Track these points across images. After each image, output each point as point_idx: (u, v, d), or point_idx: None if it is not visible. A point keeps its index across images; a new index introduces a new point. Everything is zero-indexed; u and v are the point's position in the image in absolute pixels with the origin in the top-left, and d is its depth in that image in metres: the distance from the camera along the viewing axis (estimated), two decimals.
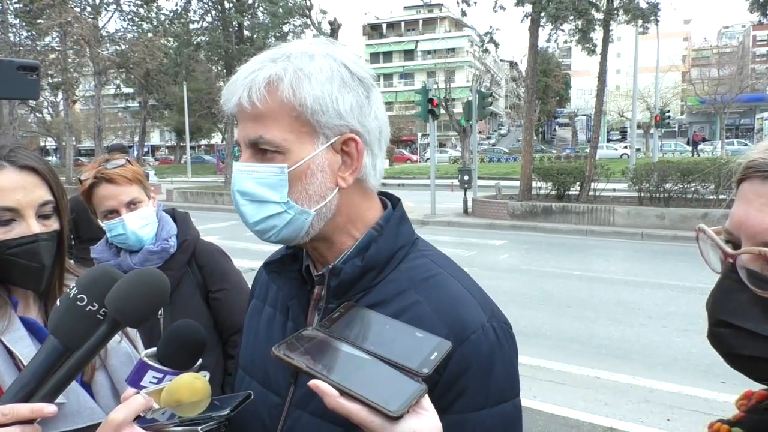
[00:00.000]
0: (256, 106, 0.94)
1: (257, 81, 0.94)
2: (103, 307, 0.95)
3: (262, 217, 0.98)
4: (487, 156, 50.60)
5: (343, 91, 0.97)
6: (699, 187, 14.76)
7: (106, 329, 0.95)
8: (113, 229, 1.96)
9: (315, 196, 0.98)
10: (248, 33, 27.42)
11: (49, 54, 28.52)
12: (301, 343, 0.88)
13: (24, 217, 1.20)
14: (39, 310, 1.30)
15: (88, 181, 1.95)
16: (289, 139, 0.95)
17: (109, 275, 0.99)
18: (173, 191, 25.17)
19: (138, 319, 0.97)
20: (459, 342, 0.91)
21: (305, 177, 0.97)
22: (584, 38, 18.26)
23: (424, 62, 77.75)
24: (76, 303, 0.96)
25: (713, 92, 44.09)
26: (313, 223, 0.99)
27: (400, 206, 1.10)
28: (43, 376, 0.94)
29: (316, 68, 0.96)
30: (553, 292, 8.75)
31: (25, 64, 1.24)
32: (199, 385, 1.05)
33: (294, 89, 0.94)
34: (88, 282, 0.98)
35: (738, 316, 0.74)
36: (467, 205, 17.81)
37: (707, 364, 5.56)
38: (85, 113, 53.84)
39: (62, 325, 0.95)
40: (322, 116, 0.95)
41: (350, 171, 1.00)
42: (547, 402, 4.99)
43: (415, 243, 1.08)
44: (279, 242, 1.03)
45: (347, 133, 0.98)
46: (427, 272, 1.02)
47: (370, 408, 0.77)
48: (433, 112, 17.63)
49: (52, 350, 0.95)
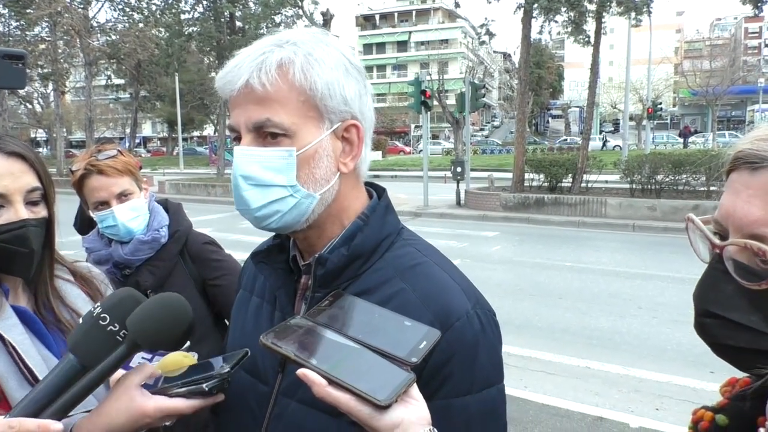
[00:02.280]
0: (266, 88, 0.93)
1: (268, 63, 0.94)
2: (124, 329, 0.96)
3: (266, 202, 0.98)
4: (480, 148, 50.61)
5: (348, 78, 0.99)
6: (690, 178, 14.86)
7: (124, 350, 0.96)
8: (104, 220, 1.96)
9: (321, 180, 0.99)
10: (240, 23, 27.25)
11: (39, 44, 28.27)
12: (289, 331, 0.88)
13: (12, 203, 1.20)
14: (28, 299, 1.30)
15: (78, 172, 1.93)
16: (297, 122, 0.95)
17: (133, 297, 1.00)
18: (165, 183, 25.04)
19: (157, 342, 0.98)
20: (444, 329, 0.92)
21: (312, 161, 0.98)
22: (577, 30, 18.28)
23: (417, 53, 77.45)
24: (99, 322, 0.97)
25: (705, 84, 44.25)
26: (315, 208, 1.00)
27: (385, 196, 1.11)
28: (57, 393, 0.94)
29: (324, 54, 0.97)
30: (545, 284, 8.80)
31: (12, 52, 1.23)
32: (186, 363, 1.06)
33: (305, 73, 0.94)
34: (112, 302, 0.99)
35: (724, 306, 0.75)
36: (460, 196, 17.84)
37: (696, 354, 5.61)
38: (76, 104, 53.41)
39: (82, 343, 0.96)
40: (329, 101, 0.96)
41: (351, 157, 1.02)
42: (538, 392, 5.03)
43: (400, 232, 1.09)
44: (278, 229, 1.03)
45: (350, 119, 1.00)
46: (413, 261, 1.03)
47: (359, 397, 0.77)
48: (426, 103, 17.60)
49: (69, 368, 0.95)
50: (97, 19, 30.75)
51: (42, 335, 1.24)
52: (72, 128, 57.70)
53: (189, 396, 0.98)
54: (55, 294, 1.32)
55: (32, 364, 1.16)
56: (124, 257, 2.01)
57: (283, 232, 1.06)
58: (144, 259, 2.03)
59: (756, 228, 0.72)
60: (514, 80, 53.75)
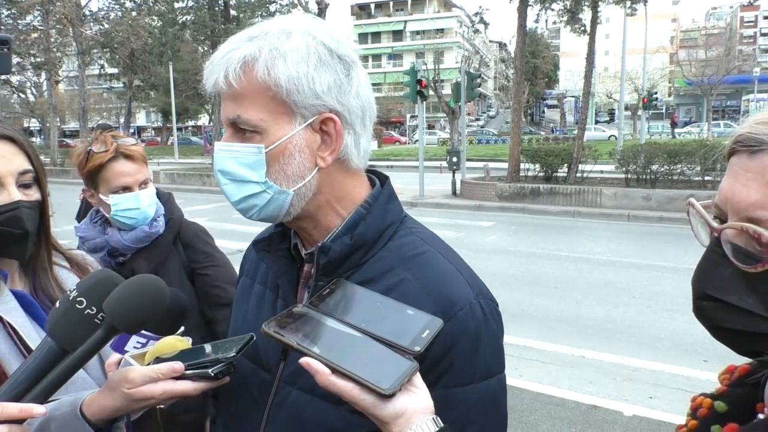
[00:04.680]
0: (232, 86, 0.94)
1: (233, 61, 0.94)
2: (101, 312, 0.95)
3: (242, 197, 0.99)
4: (476, 138, 50.59)
5: (320, 69, 0.95)
6: (685, 168, 14.88)
7: (102, 334, 0.95)
8: (123, 202, 1.94)
9: (293, 176, 0.98)
10: (234, 12, 27.08)
11: (32, 33, 28.03)
12: (292, 320, 0.88)
13: (4, 185, 1.21)
14: (25, 284, 1.31)
15: (105, 155, 1.91)
16: (265, 119, 0.95)
17: (110, 280, 0.99)
18: (160, 173, 24.94)
19: (134, 325, 0.97)
20: (446, 319, 0.91)
21: (282, 157, 0.97)
22: (573, 19, 18.26)
23: (412, 43, 77.18)
24: (75, 306, 0.96)
25: (700, 74, 44.30)
26: (293, 203, 0.99)
27: (388, 184, 1.10)
28: (37, 377, 0.94)
29: (291, 47, 0.94)
30: (541, 273, 8.83)
31: None
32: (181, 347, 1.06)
33: (269, 69, 0.93)
34: (89, 285, 0.98)
35: (721, 289, 0.75)
36: (456, 186, 17.84)
37: (690, 343, 5.64)
38: (69, 94, 53.09)
39: (60, 326, 0.95)
40: (297, 96, 0.94)
41: (330, 151, 0.99)
42: (533, 381, 5.06)
43: (403, 221, 1.08)
44: (262, 221, 1.03)
45: (325, 112, 0.97)
46: (416, 250, 1.03)
47: (362, 386, 0.77)
48: (422, 93, 17.56)
49: (47, 351, 0.95)
50: (90, 7, 30.58)
51: (40, 319, 1.24)
52: (65, 118, 57.37)
53: (195, 379, 0.98)
54: (53, 279, 1.33)
55: (33, 346, 1.17)
56: (125, 244, 2.00)
57: (269, 222, 1.06)
58: (141, 246, 2.04)
59: (753, 211, 0.72)
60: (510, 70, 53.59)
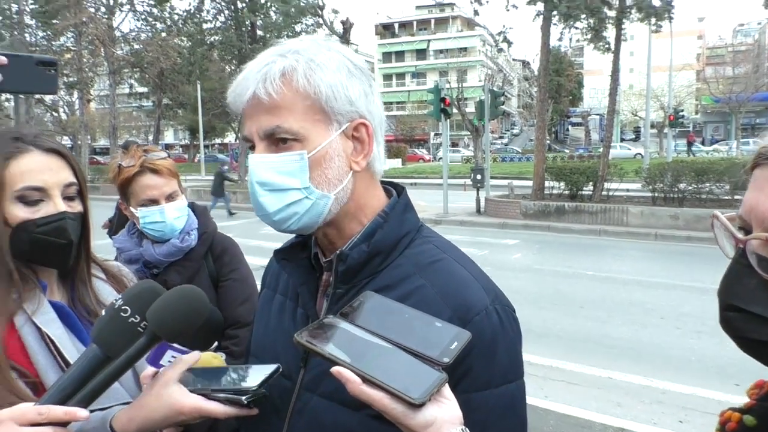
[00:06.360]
0: (272, 97, 0.97)
1: (272, 73, 0.97)
2: (144, 320, 0.99)
3: (282, 206, 1.00)
4: (500, 155, 50.41)
5: (352, 79, 1.01)
6: (714, 187, 14.64)
7: (145, 341, 0.99)
8: (150, 215, 1.99)
9: (334, 180, 1.02)
10: (261, 32, 27.56)
11: (65, 54, 28.80)
12: (323, 330, 0.90)
13: (51, 197, 1.25)
14: (63, 294, 1.34)
15: (132, 169, 1.97)
16: (305, 126, 0.99)
17: (153, 290, 1.03)
18: (187, 189, 24.88)
19: (176, 334, 1.01)
20: (463, 324, 0.93)
21: (324, 162, 1.00)
22: (597, 37, 18.14)
23: (436, 62, 77.54)
24: (120, 314, 1.00)
25: (728, 91, 43.62)
26: (331, 208, 1.03)
27: (404, 194, 1.14)
28: (82, 382, 0.97)
29: (325, 58, 1.00)
30: (566, 292, 8.72)
31: (44, 59, 1.28)
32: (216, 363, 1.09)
33: (308, 78, 0.98)
34: (133, 295, 1.03)
35: (747, 300, 0.75)
36: (480, 204, 17.78)
37: (721, 366, 5.52)
38: (100, 112, 54.24)
39: (104, 333, 0.99)
40: (335, 103, 0.99)
41: (362, 155, 1.04)
42: (559, 402, 4.98)
43: (420, 230, 1.11)
44: (297, 231, 1.05)
45: (358, 119, 1.03)
46: (432, 257, 1.05)
47: (392, 395, 0.79)
48: (446, 111, 17.60)
49: (92, 357, 0.98)
50: (121, 28, 31.31)
51: (77, 330, 1.28)
52: (96, 135, 58.62)
53: (226, 402, 1.01)
54: (91, 290, 1.36)
55: (70, 357, 1.20)
56: (157, 257, 2.05)
57: (303, 233, 1.08)
58: (173, 260, 2.08)
59: None
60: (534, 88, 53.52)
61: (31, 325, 1.21)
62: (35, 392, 1.17)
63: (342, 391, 0.82)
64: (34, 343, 1.20)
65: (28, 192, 1.23)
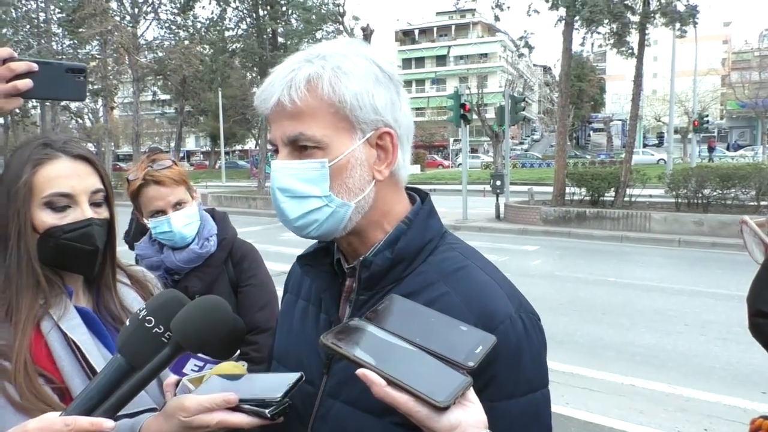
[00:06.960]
0: (296, 104, 0.96)
1: (297, 80, 0.97)
2: (168, 331, 1.00)
3: (303, 212, 1.00)
4: (520, 161, 50.14)
5: (378, 87, 1.00)
6: (739, 192, 14.39)
7: (169, 352, 0.99)
8: (159, 226, 2.02)
9: (355, 189, 1.01)
10: (282, 40, 27.72)
11: (90, 62, 29.27)
12: (348, 333, 0.90)
13: (78, 203, 1.26)
14: (88, 300, 1.35)
15: (137, 182, 2.01)
16: (328, 134, 0.98)
17: (177, 300, 1.03)
18: (208, 195, 25.55)
19: (200, 345, 1.01)
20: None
21: (345, 171, 1.00)
22: (620, 42, 17.96)
23: (456, 68, 77.50)
24: (144, 324, 1.00)
25: (754, 96, 42.99)
26: (352, 216, 1.02)
27: (428, 200, 1.13)
28: (107, 392, 0.98)
29: (352, 66, 0.99)
30: (587, 299, 8.63)
31: (73, 66, 1.29)
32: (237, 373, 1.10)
33: (333, 86, 0.97)
34: (157, 305, 1.03)
35: None
36: (499, 210, 17.67)
37: (746, 374, 5.41)
38: (124, 119, 55.03)
39: (129, 344, 1.00)
40: (359, 112, 0.98)
41: (386, 164, 1.03)
42: (580, 409, 4.93)
43: (443, 236, 1.10)
44: (318, 237, 1.05)
45: (382, 127, 1.01)
46: (456, 264, 1.04)
47: (417, 398, 0.79)
48: (466, 117, 17.53)
49: (117, 367, 0.99)
50: (145, 37, 31.75)
51: (102, 335, 1.29)
52: (119, 142, 59.48)
53: (250, 414, 1.00)
54: (116, 296, 1.37)
55: (95, 363, 1.21)
56: (177, 264, 2.07)
57: (324, 239, 1.08)
58: (193, 266, 2.10)
59: None
60: (555, 93, 53.12)
61: (57, 330, 1.22)
62: (62, 398, 1.17)
63: (365, 397, 0.82)
64: (60, 348, 1.21)
65: (56, 198, 1.24)
